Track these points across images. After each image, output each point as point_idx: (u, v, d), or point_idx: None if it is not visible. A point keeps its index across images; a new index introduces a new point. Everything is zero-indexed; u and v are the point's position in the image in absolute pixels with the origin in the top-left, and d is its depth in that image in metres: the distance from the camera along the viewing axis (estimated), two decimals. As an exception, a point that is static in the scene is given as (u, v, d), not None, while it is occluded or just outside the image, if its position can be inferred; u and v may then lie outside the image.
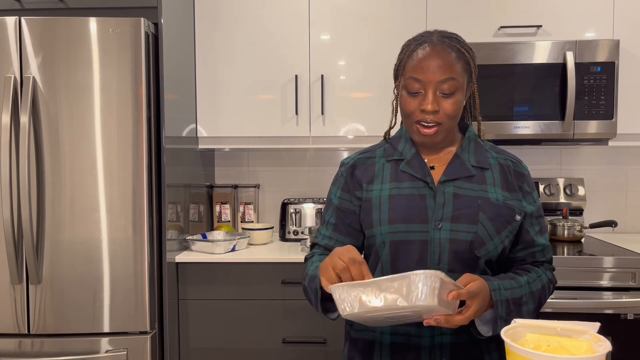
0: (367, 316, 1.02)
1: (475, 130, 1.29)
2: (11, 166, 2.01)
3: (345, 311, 1.01)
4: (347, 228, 1.27)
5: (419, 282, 0.94)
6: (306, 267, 1.24)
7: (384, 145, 1.31)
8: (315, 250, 1.30)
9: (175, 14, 2.30)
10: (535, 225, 1.23)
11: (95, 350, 2.08)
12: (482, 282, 1.07)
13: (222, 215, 2.87)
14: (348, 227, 1.27)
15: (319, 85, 2.56)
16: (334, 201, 1.29)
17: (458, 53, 1.16)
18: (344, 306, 1.00)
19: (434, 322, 1.01)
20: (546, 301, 1.23)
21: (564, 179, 2.79)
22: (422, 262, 1.17)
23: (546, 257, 1.25)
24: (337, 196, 1.29)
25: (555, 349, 0.88)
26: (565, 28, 2.48)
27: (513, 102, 2.41)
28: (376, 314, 1.00)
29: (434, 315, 1.00)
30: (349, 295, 1.00)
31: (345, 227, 1.27)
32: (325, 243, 1.28)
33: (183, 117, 2.42)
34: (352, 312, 1.00)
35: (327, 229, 1.29)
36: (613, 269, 2.14)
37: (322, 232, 1.30)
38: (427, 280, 0.94)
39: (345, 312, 1.01)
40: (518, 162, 1.26)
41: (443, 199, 1.18)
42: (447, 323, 1.01)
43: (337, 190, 1.29)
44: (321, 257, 1.23)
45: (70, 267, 2.07)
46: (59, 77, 2.04)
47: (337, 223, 1.27)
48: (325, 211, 1.31)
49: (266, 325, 2.31)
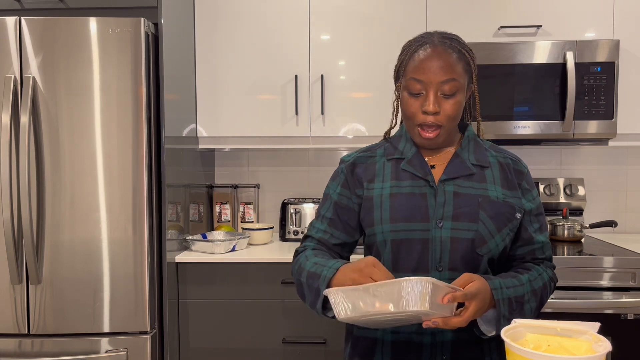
0: (364, 319, 1.03)
1: (474, 130, 1.30)
2: (11, 166, 2.01)
3: (340, 314, 1.03)
4: (343, 224, 1.27)
5: (408, 287, 0.95)
6: (299, 260, 1.24)
7: (384, 144, 1.31)
8: (308, 244, 1.29)
9: (175, 14, 2.30)
10: (534, 223, 1.24)
11: (95, 350, 2.08)
12: (482, 281, 1.07)
13: (222, 215, 2.87)
14: (344, 223, 1.27)
15: (319, 85, 2.56)
16: (332, 196, 1.29)
17: (459, 54, 1.16)
18: (339, 309, 1.02)
19: (432, 324, 1.01)
20: (548, 299, 1.23)
21: (564, 179, 2.79)
22: (423, 261, 1.17)
23: (545, 254, 1.25)
24: (336, 192, 1.29)
25: (555, 349, 0.88)
26: (565, 28, 2.48)
27: (513, 102, 2.41)
28: (371, 317, 1.01)
29: (432, 318, 1.01)
30: (343, 300, 1.02)
31: (342, 223, 1.27)
32: (320, 236, 1.28)
33: (183, 117, 2.42)
34: (346, 316, 1.02)
35: (322, 222, 1.29)
36: (613, 269, 2.14)
37: (316, 226, 1.30)
38: (417, 287, 0.95)
39: (341, 315, 1.03)
40: (517, 160, 1.27)
41: (444, 198, 1.18)
42: (445, 325, 1.01)
43: (336, 186, 1.29)
44: (315, 252, 1.23)
45: (70, 267, 2.07)
46: (59, 77, 2.04)
47: (333, 218, 1.28)
48: (321, 206, 1.31)
49: (266, 325, 2.31)
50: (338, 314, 1.03)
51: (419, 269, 1.18)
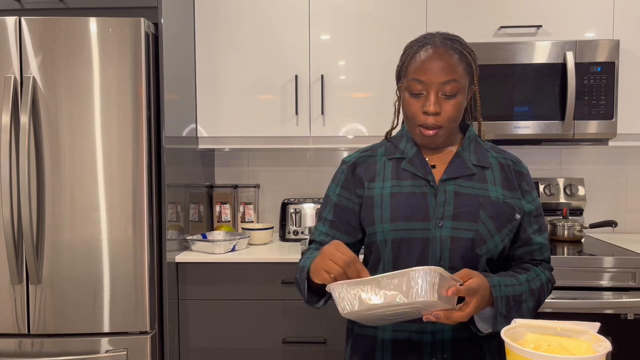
0: (367, 314, 1.02)
1: (475, 131, 1.30)
2: (11, 166, 2.01)
3: (345, 309, 1.01)
4: (344, 225, 1.27)
5: (418, 278, 0.95)
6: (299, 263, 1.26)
7: (385, 144, 1.32)
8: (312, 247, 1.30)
9: (175, 14, 2.30)
10: (533, 224, 1.24)
11: (95, 350, 2.08)
12: (482, 278, 1.07)
13: (222, 215, 2.87)
14: (346, 224, 1.27)
15: (319, 85, 2.56)
16: (332, 198, 1.30)
17: (460, 55, 1.17)
18: (344, 304, 1.01)
19: (434, 317, 1.01)
20: (545, 300, 1.24)
21: (564, 179, 2.79)
22: (423, 260, 1.18)
23: (544, 255, 1.26)
24: (335, 193, 1.29)
25: (555, 349, 0.88)
26: (565, 28, 2.48)
27: (513, 102, 2.41)
28: (376, 311, 1.00)
29: (434, 311, 1.01)
30: (348, 294, 1.00)
31: (343, 224, 1.28)
32: (322, 239, 1.28)
33: (183, 117, 2.42)
34: (352, 310, 1.00)
35: (324, 225, 1.30)
36: (613, 269, 2.14)
37: (319, 229, 1.31)
38: (427, 276, 0.95)
39: (345, 310, 1.01)
40: (518, 161, 1.28)
41: (444, 197, 1.19)
42: (447, 319, 1.02)
43: (336, 188, 1.30)
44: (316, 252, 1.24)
45: (70, 267, 2.07)
46: (59, 77, 2.04)
47: (334, 220, 1.28)
48: (322, 208, 1.32)
49: (266, 325, 2.31)
50: (343, 309, 1.01)
51: None
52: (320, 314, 2.29)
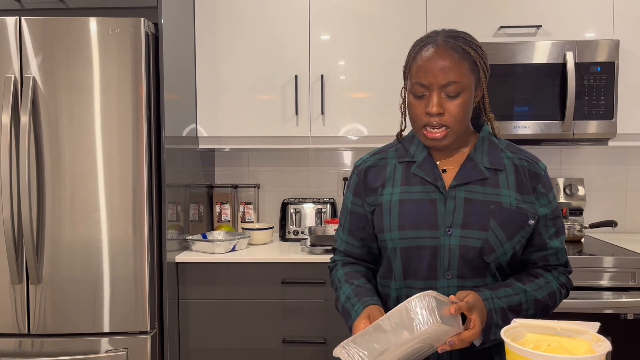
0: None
1: (489, 129, 1.26)
2: (11, 166, 2.01)
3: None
4: (360, 232, 1.29)
5: (416, 307, 0.95)
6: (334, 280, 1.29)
7: (397, 145, 1.30)
8: (337, 258, 1.34)
9: (175, 14, 2.30)
10: (550, 228, 1.21)
11: (95, 350, 2.08)
12: (474, 294, 1.08)
13: (222, 215, 2.87)
14: (362, 230, 1.28)
15: (319, 85, 2.56)
16: (348, 205, 1.31)
17: (462, 53, 1.13)
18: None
19: (449, 346, 1.00)
20: (557, 306, 1.23)
21: (564, 179, 2.79)
22: (432, 268, 1.17)
23: (560, 260, 1.23)
24: (350, 200, 1.31)
25: (555, 349, 0.88)
26: (565, 28, 2.48)
27: (513, 102, 2.41)
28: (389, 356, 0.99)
29: (447, 340, 1.00)
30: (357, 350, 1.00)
31: (359, 231, 1.29)
32: (344, 248, 1.32)
33: (183, 117, 2.42)
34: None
35: (343, 232, 1.32)
36: (613, 269, 2.14)
37: (340, 236, 1.34)
38: (423, 303, 0.95)
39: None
40: (534, 161, 1.23)
41: (454, 205, 1.17)
42: (461, 343, 1.01)
43: (350, 195, 1.31)
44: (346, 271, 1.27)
45: (70, 267, 2.07)
46: (59, 77, 2.04)
47: (351, 228, 1.30)
48: (341, 215, 1.35)
49: (266, 325, 2.31)
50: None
51: (429, 276, 1.17)
52: (320, 314, 2.30)
